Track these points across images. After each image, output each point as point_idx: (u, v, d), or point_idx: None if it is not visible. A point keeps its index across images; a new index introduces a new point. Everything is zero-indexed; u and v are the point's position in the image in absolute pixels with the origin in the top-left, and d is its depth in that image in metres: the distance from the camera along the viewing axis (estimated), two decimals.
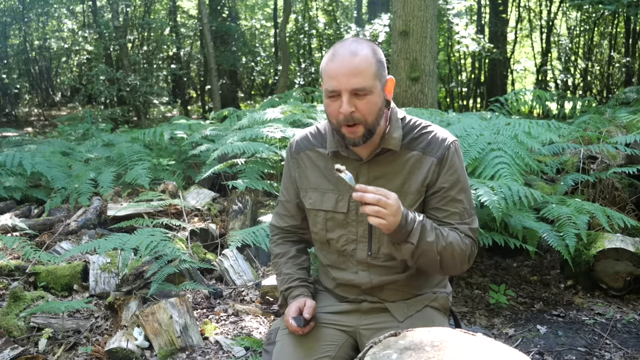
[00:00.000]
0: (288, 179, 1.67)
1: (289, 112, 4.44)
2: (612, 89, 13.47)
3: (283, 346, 1.55)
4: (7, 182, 4.43)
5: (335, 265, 1.61)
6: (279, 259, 1.70)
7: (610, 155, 3.63)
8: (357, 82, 1.37)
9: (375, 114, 1.42)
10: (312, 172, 1.59)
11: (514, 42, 15.49)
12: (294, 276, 1.64)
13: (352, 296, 1.61)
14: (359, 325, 1.59)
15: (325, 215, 1.56)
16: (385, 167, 1.51)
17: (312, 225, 1.62)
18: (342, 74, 1.38)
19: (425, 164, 1.49)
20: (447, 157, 1.49)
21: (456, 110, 11.14)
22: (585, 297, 2.97)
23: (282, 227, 1.72)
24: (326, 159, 1.57)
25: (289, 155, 1.66)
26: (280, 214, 1.73)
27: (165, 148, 5.12)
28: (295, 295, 1.59)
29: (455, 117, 4.14)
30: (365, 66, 1.39)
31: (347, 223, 1.54)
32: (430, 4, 5.67)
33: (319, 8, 17.33)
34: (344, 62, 1.38)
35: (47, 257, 2.75)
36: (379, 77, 1.42)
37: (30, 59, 16.23)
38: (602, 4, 8.53)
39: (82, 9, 15.85)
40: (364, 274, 1.56)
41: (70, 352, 2.41)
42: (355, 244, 1.55)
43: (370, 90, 1.39)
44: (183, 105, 16.12)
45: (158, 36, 14.31)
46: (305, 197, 1.60)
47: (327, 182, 1.56)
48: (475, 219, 1.54)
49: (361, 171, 1.52)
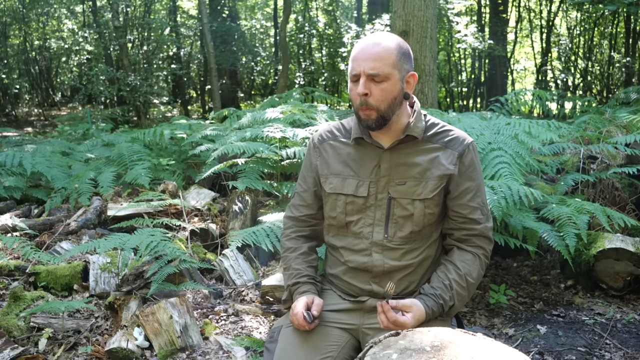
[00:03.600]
0: (308, 169, 1.72)
1: (289, 112, 4.44)
2: (612, 89, 13.46)
3: (286, 345, 1.55)
4: (7, 182, 4.43)
5: (349, 247, 1.62)
6: (289, 253, 1.71)
7: (610, 155, 3.63)
8: (373, 66, 1.46)
9: (389, 101, 1.50)
10: (334, 160, 1.65)
11: (514, 42, 15.49)
12: (302, 272, 1.65)
13: (359, 285, 1.61)
14: (361, 325, 1.59)
15: (346, 199, 1.60)
16: (407, 156, 1.58)
17: (330, 210, 1.64)
18: (362, 58, 1.48)
19: (447, 156, 1.56)
20: (467, 153, 1.58)
21: (456, 110, 11.13)
22: (585, 297, 2.97)
23: (297, 217, 1.75)
24: (349, 147, 1.64)
25: (311, 145, 1.72)
26: (296, 204, 1.76)
27: (165, 148, 5.11)
28: (303, 291, 1.60)
29: (456, 117, 4.14)
30: (385, 54, 1.47)
31: (366, 207, 1.59)
32: (430, 4, 5.67)
33: (319, 8, 17.32)
34: (366, 49, 1.49)
35: (47, 257, 2.75)
36: (397, 67, 1.49)
37: (30, 59, 16.22)
38: (603, 4, 8.52)
39: (82, 9, 15.85)
40: (377, 257, 1.58)
41: (70, 352, 2.41)
42: (372, 227, 1.59)
43: (386, 77, 1.47)
44: (183, 105, 16.11)
45: (158, 36, 14.30)
46: (325, 183, 1.65)
47: (349, 169, 1.62)
48: (490, 216, 1.64)
49: (383, 158, 1.58)
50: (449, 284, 1.54)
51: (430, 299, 1.51)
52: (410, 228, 1.56)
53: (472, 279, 1.57)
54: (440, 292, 1.53)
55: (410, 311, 1.46)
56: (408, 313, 1.46)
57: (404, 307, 1.47)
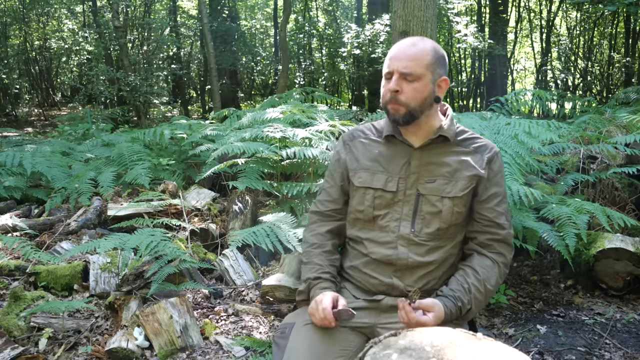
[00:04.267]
0: (336, 165, 1.74)
1: (289, 112, 4.44)
2: (612, 89, 13.46)
3: (298, 344, 1.53)
4: (7, 182, 4.43)
5: (374, 240, 1.63)
6: (313, 249, 1.71)
7: (610, 155, 3.63)
8: (407, 65, 1.52)
9: (419, 101, 1.54)
10: (364, 155, 1.67)
11: (514, 42, 15.49)
12: (324, 268, 1.65)
13: (381, 277, 1.61)
14: (376, 324, 1.60)
15: (374, 193, 1.62)
16: (438, 156, 1.61)
17: (357, 204, 1.65)
18: (397, 57, 1.54)
19: (477, 159, 1.60)
20: (496, 160, 1.62)
21: (456, 110, 11.14)
22: (585, 297, 2.97)
23: (323, 212, 1.76)
24: (379, 145, 1.67)
25: (342, 142, 1.75)
26: (322, 200, 1.78)
27: (165, 148, 5.11)
28: (324, 287, 1.60)
29: (456, 117, 4.14)
30: (420, 56, 1.53)
31: (394, 202, 1.61)
32: (430, 4, 5.67)
33: (319, 8, 17.33)
34: (403, 49, 1.55)
35: (47, 257, 2.75)
36: (430, 69, 1.53)
37: (30, 59, 16.22)
38: (603, 4, 8.52)
39: (82, 9, 15.84)
40: (403, 250, 1.58)
41: (71, 352, 2.42)
42: (399, 221, 1.60)
43: (418, 77, 1.52)
44: (183, 105, 16.11)
45: (158, 36, 14.28)
46: (354, 177, 1.66)
47: (378, 165, 1.64)
48: (512, 225, 1.68)
49: (413, 156, 1.61)
50: (468, 287, 1.54)
51: (449, 300, 1.51)
52: (437, 225, 1.57)
53: (491, 286, 1.57)
54: (460, 294, 1.53)
55: (432, 311, 1.46)
56: (430, 313, 1.46)
57: (426, 307, 1.46)
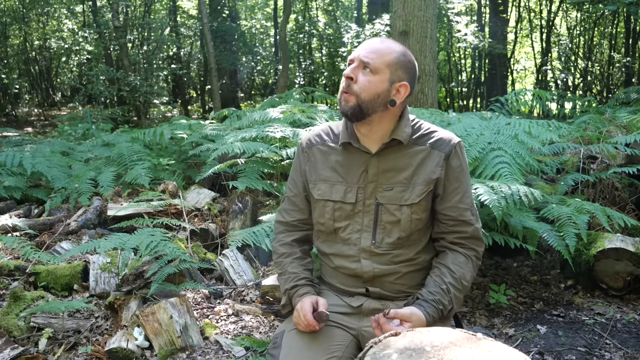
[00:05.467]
0: (297, 173, 1.70)
1: (289, 112, 4.44)
2: (612, 89, 13.47)
3: (290, 349, 1.54)
4: (7, 182, 4.42)
5: (338, 254, 1.62)
6: (283, 259, 1.70)
7: (610, 155, 3.63)
8: (368, 55, 1.49)
9: (371, 95, 1.50)
10: (322, 165, 1.64)
11: (514, 42, 15.49)
12: (300, 275, 1.64)
13: (353, 289, 1.61)
14: (361, 327, 1.59)
15: (334, 205, 1.60)
16: (395, 160, 1.57)
17: (319, 216, 1.63)
18: (362, 47, 1.53)
19: (434, 158, 1.56)
20: (454, 154, 1.57)
21: (456, 110, 11.13)
22: (585, 297, 2.97)
23: (288, 222, 1.73)
24: (337, 152, 1.63)
25: (300, 150, 1.71)
26: (287, 209, 1.74)
27: (165, 148, 5.11)
28: (302, 294, 1.59)
29: (456, 117, 4.14)
30: (384, 51, 1.50)
31: (354, 213, 1.59)
32: (430, 4, 5.68)
33: (319, 8, 17.34)
34: (371, 42, 1.54)
35: (47, 257, 2.75)
36: (391, 68, 1.50)
37: (30, 59, 16.23)
38: (603, 4, 8.52)
39: (82, 9, 15.85)
40: (366, 263, 1.57)
41: (71, 352, 2.41)
42: (360, 233, 1.58)
43: (376, 70, 1.49)
44: (183, 105, 16.12)
45: (158, 36, 14.28)
46: (314, 189, 1.63)
47: (337, 175, 1.61)
48: (478, 216, 1.64)
49: (370, 163, 1.57)
50: (447, 288, 1.53)
51: (430, 305, 1.50)
52: (397, 234, 1.55)
53: (466, 282, 1.57)
54: (439, 297, 1.52)
55: (409, 321, 1.44)
56: (407, 323, 1.44)
57: (403, 317, 1.45)
